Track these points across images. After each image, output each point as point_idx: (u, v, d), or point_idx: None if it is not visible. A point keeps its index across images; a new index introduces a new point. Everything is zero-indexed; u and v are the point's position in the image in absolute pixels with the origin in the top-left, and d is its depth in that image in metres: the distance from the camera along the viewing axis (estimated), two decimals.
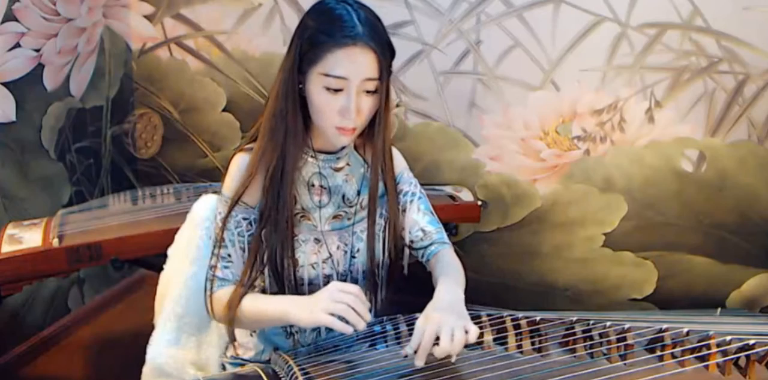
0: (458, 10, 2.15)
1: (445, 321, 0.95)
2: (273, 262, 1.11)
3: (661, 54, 2.05)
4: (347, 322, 0.95)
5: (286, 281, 1.13)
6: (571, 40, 2.09)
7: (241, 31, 2.36)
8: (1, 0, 1.86)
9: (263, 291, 1.18)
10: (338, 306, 0.94)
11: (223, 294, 1.11)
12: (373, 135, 1.14)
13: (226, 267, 1.12)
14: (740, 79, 2.01)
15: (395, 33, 2.17)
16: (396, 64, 2.21)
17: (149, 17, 2.45)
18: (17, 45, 1.95)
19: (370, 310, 1.24)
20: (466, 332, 0.94)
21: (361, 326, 0.94)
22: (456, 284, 1.10)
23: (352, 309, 0.95)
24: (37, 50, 2.03)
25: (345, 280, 1.19)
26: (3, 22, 1.88)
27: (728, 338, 1.01)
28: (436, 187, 2.24)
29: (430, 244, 1.23)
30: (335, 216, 1.17)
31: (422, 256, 1.24)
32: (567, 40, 2.10)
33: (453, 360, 0.96)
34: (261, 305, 1.06)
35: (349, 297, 0.95)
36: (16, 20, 1.93)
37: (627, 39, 2.05)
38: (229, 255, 1.12)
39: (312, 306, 0.96)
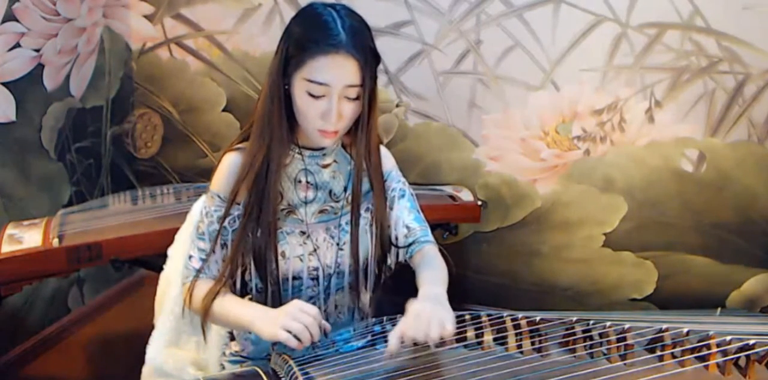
0: (458, 10, 2.15)
1: (429, 310, 0.99)
2: (256, 257, 1.14)
3: (661, 54, 2.05)
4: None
5: (269, 276, 1.15)
6: (571, 40, 2.09)
7: (241, 31, 2.36)
8: (1, 0, 1.86)
9: (244, 287, 1.19)
10: (296, 325, 0.99)
11: (195, 285, 1.15)
12: (357, 136, 1.16)
13: (202, 260, 1.16)
14: (740, 79, 2.01)
15: (395, 33, 2.17)
16: (396, 64, 2.23)
17: (149, 17, 2.45)
18: (17, 45, 1.95)
19: (359, 309, 1.25)
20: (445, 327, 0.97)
21: (309, 344, 1.00)
22: (438, 284, 1.11)
23: (308, 329, 0.99)
24: (37, 50, 2.03)
25: (331, 275, 1.20)
26: (3, 22, 1.88)
27: (728, 338, 1.01)
28: (436, 187, 2.24)
29: (414, 242, 1.22)
30: (321, 211, 1.19)
31: (406, 253, 1.23)
32: (567, 40, 2.10)
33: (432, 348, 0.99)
34: (231, 309, 1.09)
35: (307, 318, 1.00)
36: (16, 20, 1.93)
37: (627, 39, 2.05)
38: (207, 250, 1.16)
39: (274, 321, 1.01)
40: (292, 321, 0.99)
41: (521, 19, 2.11)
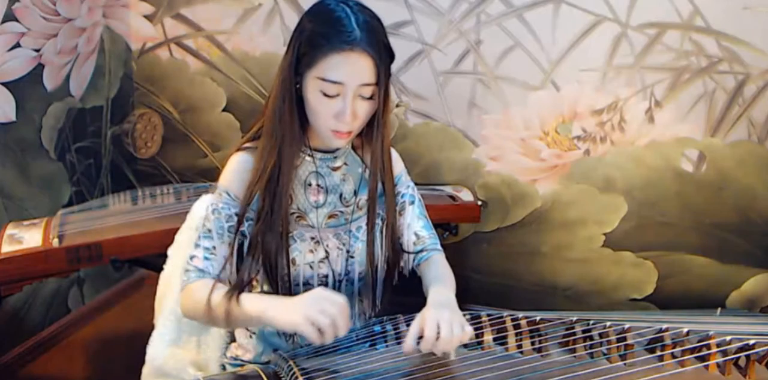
0: (458, 10, 2.15)
1: (443, 316, 0.96)
2: (267, 262, 1.11)
3: (661, 54, 2.05)
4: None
5: (280, 282, 1.12)
6: (571, 40, 2.09)
7: (241, 31, 2.36)
8: (1, 0, 1.86)
9: (252, 290, 1.17)
10: (322, 318, 0.91)
11: (198, 287, 1.07)
12: (371, 136, 1.13)
13: (207, 259, 1.09)
14: (740, 79, 2.01)
15: (395, 33, 2.17)
16: (396, 64, 2.21)
17: (149, 17, 2.45)
18: (17, 45, 1.95)
19: (367, 313, 1.25)
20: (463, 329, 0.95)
21: (330, 340, 0.92)
22: (448, 289, 1.11)
23: (335, 323, 0.91)
24: (37, 50, 2.03)
25: (341, 282, 1.19)
26: (3, 22, 1.88)
27: (728, 338, 1.01)
28: (436, 187, 2.24)
29: (422, 250, 1.22)
30: (331, 216, 1.17)
31: (413, 261, 1.23)
32: (567, 40, 2.10)
33: (452, 357, 0.97)
34: (242, 304, 1.01)
35: (334, 310, 0.91)
36: (16, 20, 1.93)
37: (627, 39, 2.05)
38: (214, 248, 1.10)
39: (293, 309, 0.93)
40: (319, 313, 0.90)
41: (521, 19, 2.11)
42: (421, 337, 0.94)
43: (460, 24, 2.16)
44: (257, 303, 0.99)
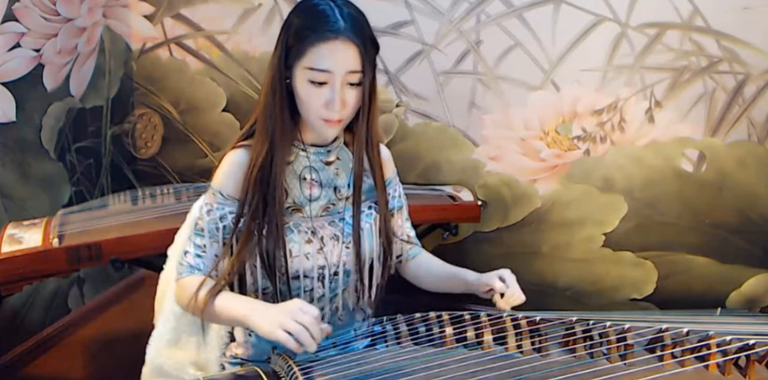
0: (458, 10, 2.15)
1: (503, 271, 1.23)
2: (264, 255, 1.13)
3: (661, 54, 2.05)
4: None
5: (278, 273, 1.14)
6: (571, 40, 2.09)
7: (241, 31, 2.36)
8: (1, 0, 1.86)
9: (248, 285, 1.19)
10: (294, 326, 0.96)
11: (189, 281, 1.13)
12: (358, 126, 1.16)
13: (198, 256, 1.15)
14: (740, 79, 2.01)
15: (395, 33, 2.17)
16: (396, 64, 2.23)
17: (149, 17, 2.45)
18: (17, 45, 1.95)
19: (365, 309, 1.25)
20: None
21: (313, 348, 0.97)
22: None
23: (308, 330, 0.97)
24: (37, 50, 2.03)
25: (337, 274, 1.20)
26: (3, 22, 1.88)
27: (728, 338, 1.01)
28: (436, 187, 2.24)
29: (410, 248, 1.35)
30: (326, 208, 1.20)
31: (405, 257, 1.34)
32: (567, 40, 2.10)
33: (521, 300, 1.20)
34: (226, 303, 1.08)
35: (307, 318, 0.97)
36: (16, 20, 1.93)
37: (627, 39, 2.05)
38: (204, 246, 1.15)
39: (272, 319, 0.99)
40: (291, 321, 0.97)
41: (521, 19, 2.11)
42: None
43: (460, 24, 2.16)
44: (241, 307, 1.05)
